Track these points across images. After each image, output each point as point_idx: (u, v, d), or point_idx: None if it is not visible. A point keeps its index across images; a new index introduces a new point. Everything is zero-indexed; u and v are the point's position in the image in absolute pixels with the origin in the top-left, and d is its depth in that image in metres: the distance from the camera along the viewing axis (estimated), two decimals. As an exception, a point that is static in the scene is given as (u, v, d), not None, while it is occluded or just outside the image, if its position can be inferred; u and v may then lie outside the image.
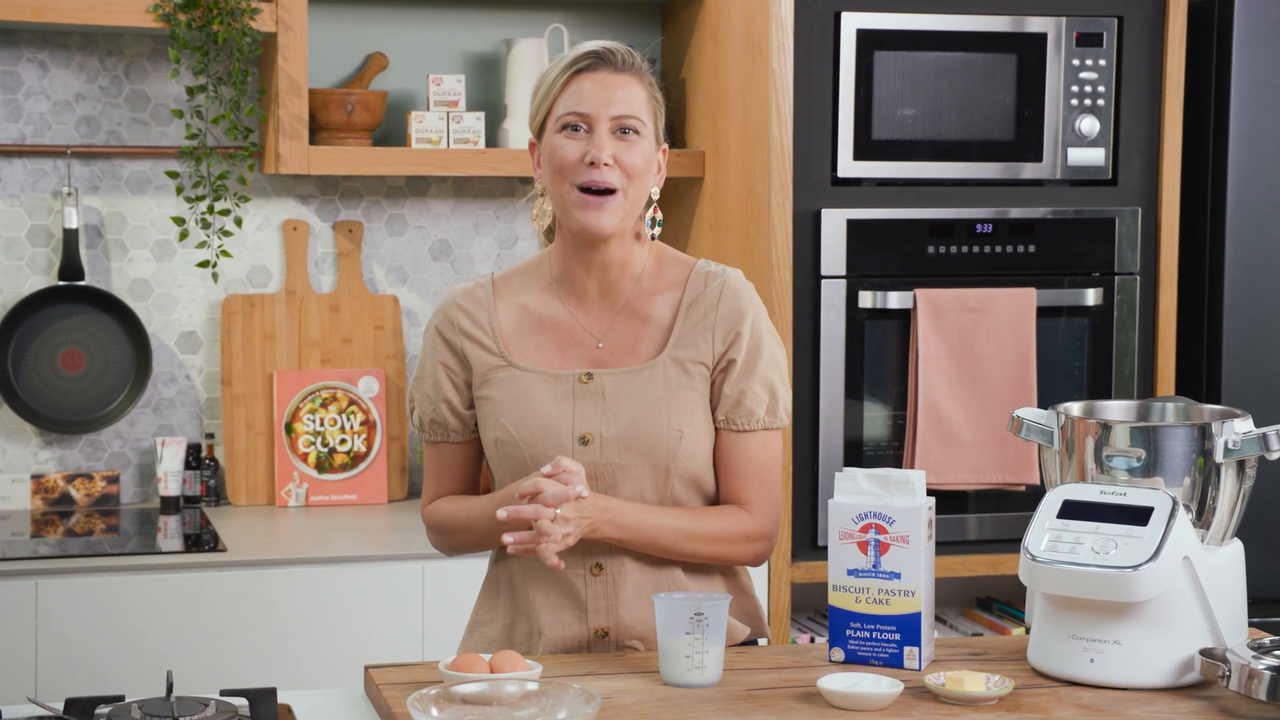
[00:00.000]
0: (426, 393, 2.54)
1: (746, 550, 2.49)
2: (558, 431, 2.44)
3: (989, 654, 2.43)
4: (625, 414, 2.43)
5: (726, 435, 2.48)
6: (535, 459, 2.43)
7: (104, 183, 3.95)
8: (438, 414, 2.53)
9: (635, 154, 2.42)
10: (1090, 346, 3.82)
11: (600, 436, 2.43)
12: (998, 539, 3.80)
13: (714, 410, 2.47)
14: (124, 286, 3.97)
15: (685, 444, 2.44)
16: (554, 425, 2.44)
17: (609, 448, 2.43)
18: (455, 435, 2.54)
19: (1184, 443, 2.31)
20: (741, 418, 2.47)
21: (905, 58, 3.69)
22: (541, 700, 2.01)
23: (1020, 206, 3.77)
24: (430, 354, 2.54)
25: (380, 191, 4.10)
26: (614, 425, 2.43)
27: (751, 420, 2.47)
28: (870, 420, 3.71)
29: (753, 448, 2.48)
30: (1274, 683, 2.10)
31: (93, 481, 3.94)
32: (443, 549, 2.58)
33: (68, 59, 3.92)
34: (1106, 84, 3.79)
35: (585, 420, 2.44)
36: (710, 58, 3.91)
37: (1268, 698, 2.11)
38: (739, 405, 2.46)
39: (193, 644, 3.36)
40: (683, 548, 2.44)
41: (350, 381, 4.03)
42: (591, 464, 2.43)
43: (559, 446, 2.43)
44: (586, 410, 2.44)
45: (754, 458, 2.48)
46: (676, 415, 2.44)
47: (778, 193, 3.61)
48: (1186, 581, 2.26)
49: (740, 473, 2.48)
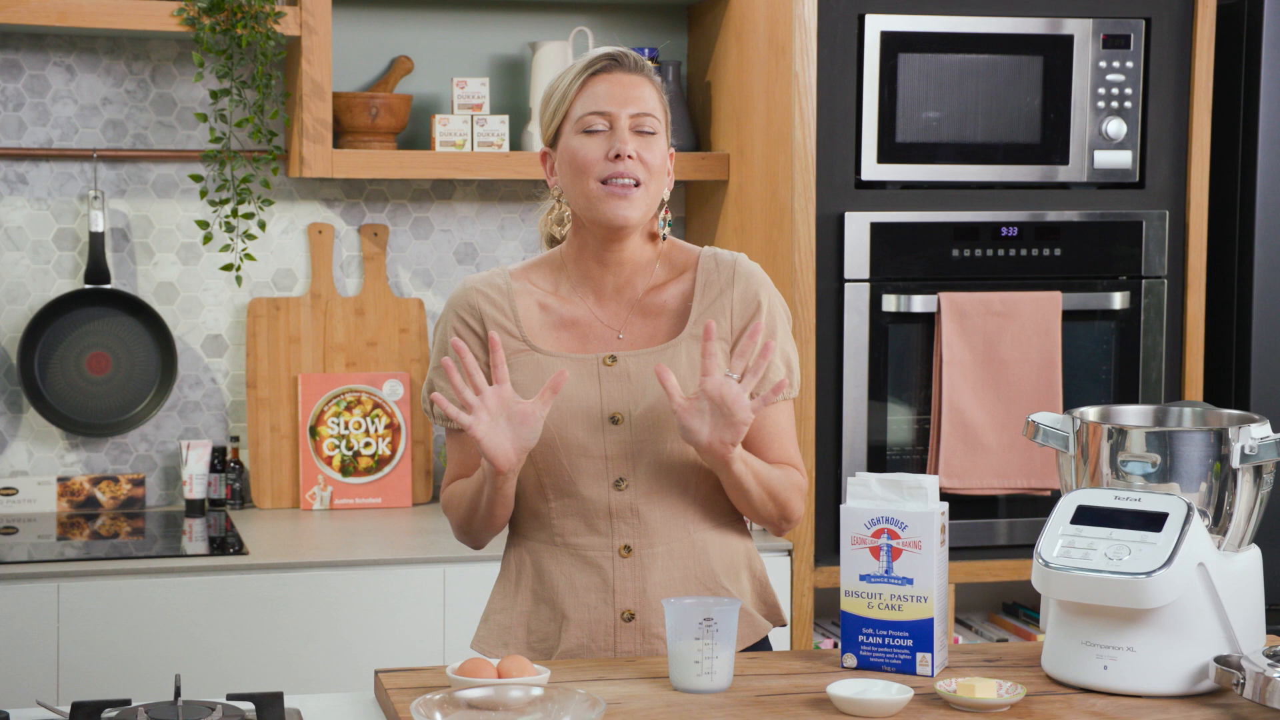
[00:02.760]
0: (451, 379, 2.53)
1: (800, 504, 2.55)
2: (588, 411, 2.46)
3: (1004, 660, 2.41)
4: (652, 391, 2.46)
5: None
6: (565, 440, 2.45)
7: (130, 186, 3.96)
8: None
9: (654, 151, 2.47)
10: (1117, 350, 3.79)
11: (630, 415, 2.46)
12: (1025, 544, 3.78)
13: None
14: (150, 290, 3.98)
15: None
16: (583, 405, 2.46)
17: (638, 425, 2.45)
18: None
19: (1200, 448, 2.28)
20: (764, 389, 2.48)
21: (929, 60, 3.67)
22: (546, 706, 2.00)
23: (1046, 209, 3.75)
24: (448, 341, 2.53)
25: (405, 195, 4.10)
26: (641, 403, 2.45)
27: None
28: (894, 424, 3.69)
29: (780, 417, 2.54)
30: (1289, 691, 2.08)
31: (118, 484, 3.95)
32: (456, 534, 2.58)
33: (94, 63, 3.93)
34: (1134, 86, 3.76)
35: (613, 400, 2.46)
36: (735, 60, 3.90)
37: (1283, 706, 2.09)
38: (762, 380, 2.48)
39: (214, 646, 3.37)
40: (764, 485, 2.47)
41: (375, 385, 4.03)
42: (623, 442, 2.46)
43: (590, 426, 2.45)
44: (613, 391, 2.46)
45: (782, 425, 2.54)
46: None
47: (801, 196, 3.60)
48: (1201, 588, 2.23)
49: (775, 440, 2.53)
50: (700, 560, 2.50)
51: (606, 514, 2.47)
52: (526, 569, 2.54)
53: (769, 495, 2.49)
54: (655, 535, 2.48)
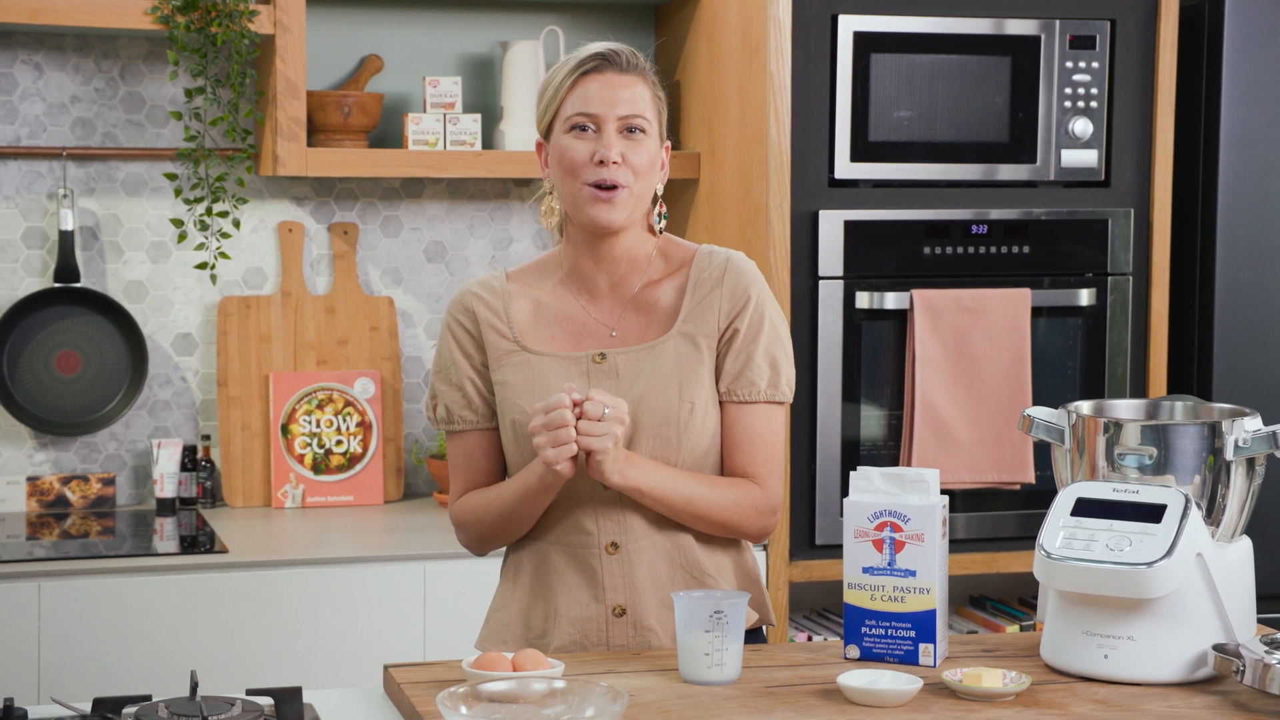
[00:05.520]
0: (452, 381, 2.56)
1: (755, 522, 2.52)
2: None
3: (1001, 650, 2.46)
4: (638, 388, 2.48)
5: (730, 408, 2.52)
6: None
7: (99, 185, 3.95)
8: (466, 399, 2.55)
9: (642, 153, 2.48)
10: (1084, 346, 3.85)
11: None
12: (987, 537, 3.83)
13: (718, 383, 2.51)
14: (119, 288, 3.97)
15: (696, 416, 2.48)
16: None
17: None
18: (482, 422, 2.55)
19: (1195, 441, 2.34)
20: (743, 389, 2.50)
21: (901, 60, 3.72)
22: (568, 698, 2.02)
23: (1015, 208, 3.80)
24: (449, 344, 2.56)
25: (375, 193, 4.11)
26: (627, 399, 2.46)
27: (753, 392, 2.51)
28: (867, 420, 3.74)
29: (755, 420, 2.52)
30: (1288, 677, 2.13)
31: (88, 484, 3.93)
32: (473, 545, 2.59)
33: (63, 61, 3.92)
34: (1099, 86, 3.83)
35: None
36: (706, 60, 3.93)
37: (1281, 692, 2.14)
38: (740, 376, 2.50)
39: (198, 645, 3.37)
40: (696, 508, 2.47)
41: (346, 383, 4.03)
42: None
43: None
44: (601, 388, 2.47)
45: (757, 430, 2.52)
46: (688, 388, 2.48)
47: (776, 194, 3.64)
48: (1199, 578, 2.28)
49: (744, 446, 2.52)
50: (687, 554, 2.52)
51: (594, 511, 2.49)
52: (523, 567, 2.56)
53: (694, 516, 2.48)
54: (641, 531, 2.50)
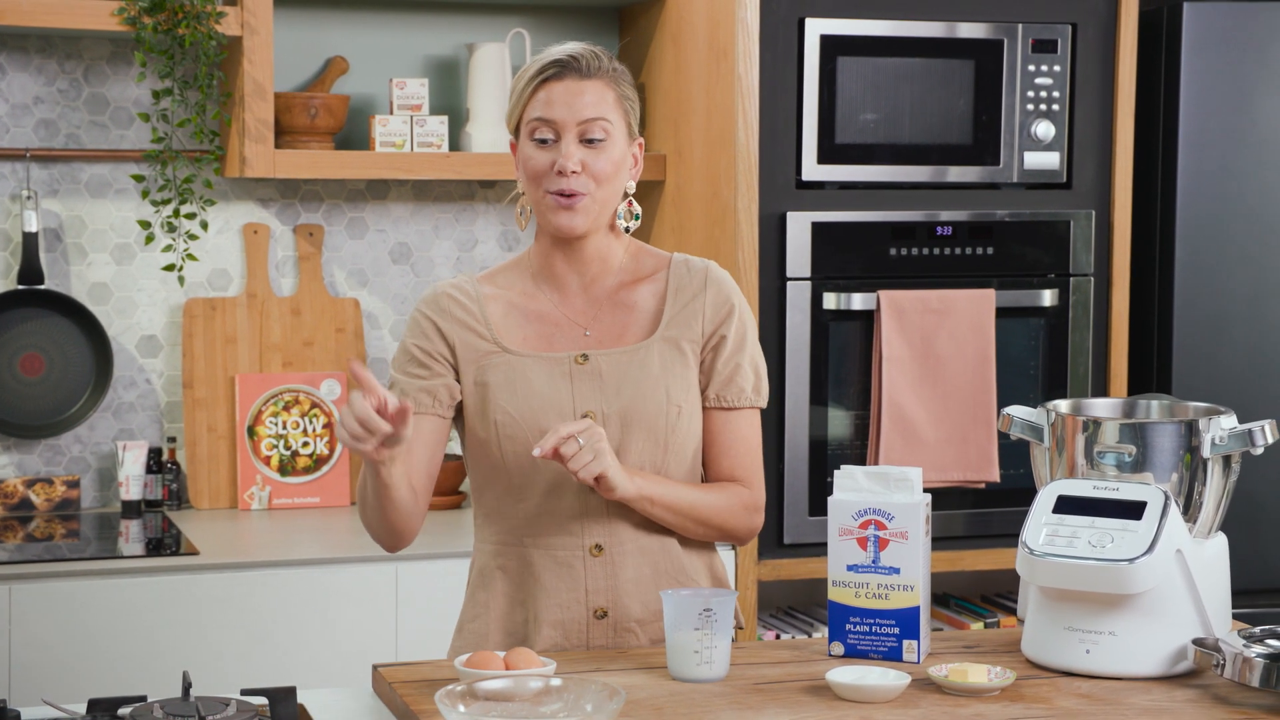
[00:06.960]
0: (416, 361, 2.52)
1: (745, 522, 2.56)
2: (560, 411, 2.48)
3: (982, 646, 2.49)
4: (625, 391, 2.49)
5: (717, 414, 2.55)
6: (538, 437, 2.45)
7: (63, 186, 3.93)
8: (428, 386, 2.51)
9: (603, 160, 2.48)
10: (1045, 346, 3.90)
11: (602, 414, 2.48)
12: (952, 536, 3.87)
13: (704, 389, 2.54)
14: (84, 290, 3.95)
15: (683, 419, 2.51)
16: (555, 405, 2.48)
17: (611, 425, 2.48)
18: (437, 408, 2.51)
19: (1172, 439, 2.38)
20: (733, 394, 2.54)
21: (867, 63, 3.75)
22: (565, 696, 2.04)
23: (979, 209, 3.84)
24: (418, 332, 2.53)
25: (340, 195, 4.11)
26: (614, 403, 2.48)
27: (741, 397, 2.55)
28: (835, 419, 3.77)
29: (742, 425, 2.57)
30: (1267, 670, 2.17)
31: (53, 486, 3.92)
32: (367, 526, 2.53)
33: (25, 62, 3.90)
34: (1061, 89, 3.87)
35: (585, 399, 2.49)
36: (672, 62, 3.96)
37: (1260, 684, 2.18)
38: (731, 382, 2.54)
39: (173, 647, 3.36)
40: (698, 513, 2.51)
41: (312, 384, 4.03)
42: None
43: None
44: (585, 390, 2.49)
45: (745, 434, 2.57)
46: (675, 392, 2.51)
47: (744, 196, 3.66)
48: (1179, 573, 2.32)
49: (733, 450, 2.56)
50: (672, 557, 2.54)
51: (578, 514, 2.51)
52: (496, 574, 2.55)
53: (695, 521, 2.52)
54: (626, 534, 2.51)
